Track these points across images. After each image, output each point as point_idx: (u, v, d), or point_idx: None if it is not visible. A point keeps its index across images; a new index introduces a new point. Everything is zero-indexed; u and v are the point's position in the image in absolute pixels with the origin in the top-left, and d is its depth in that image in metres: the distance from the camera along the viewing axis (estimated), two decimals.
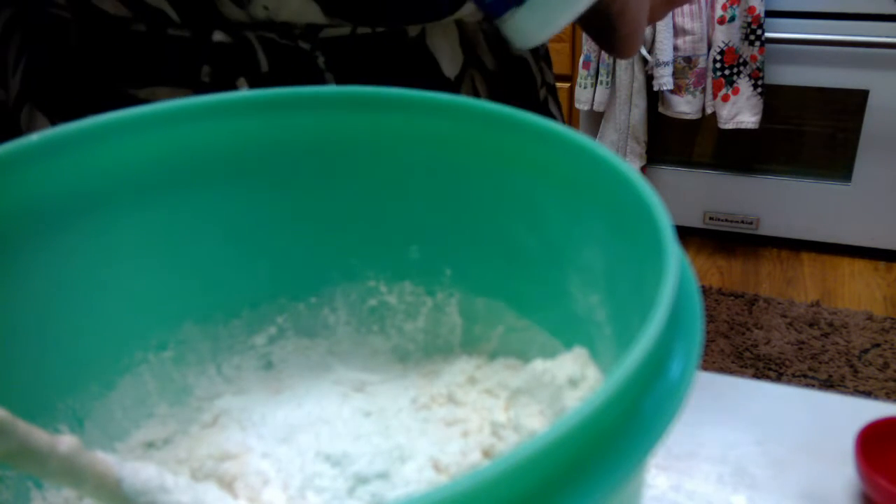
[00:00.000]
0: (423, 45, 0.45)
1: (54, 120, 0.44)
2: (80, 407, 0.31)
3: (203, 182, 0.32)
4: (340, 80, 0.43)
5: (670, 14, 1.80)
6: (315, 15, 0.41)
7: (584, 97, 1.97)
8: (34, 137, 0.28)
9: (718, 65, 1.82)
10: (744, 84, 1.82)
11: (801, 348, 1.64)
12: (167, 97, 0.36)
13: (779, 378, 1.56)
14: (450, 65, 0.46)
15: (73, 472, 0.22)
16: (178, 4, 0.40)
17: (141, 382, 0.33)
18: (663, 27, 1.80)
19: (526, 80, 0.52)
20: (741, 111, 1.84)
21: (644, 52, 1.84)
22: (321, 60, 0.42)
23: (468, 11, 0.44)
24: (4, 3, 0.46)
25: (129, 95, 0.42)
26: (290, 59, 0.42)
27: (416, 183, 0.33)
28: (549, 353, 0.31)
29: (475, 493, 0.14)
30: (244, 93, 0.32)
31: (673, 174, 2.05)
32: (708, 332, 1.70)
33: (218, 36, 0.41)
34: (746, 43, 1.79)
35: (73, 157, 0.29)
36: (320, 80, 0.43)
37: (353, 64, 0.43)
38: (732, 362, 1.61)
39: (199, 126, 0.31)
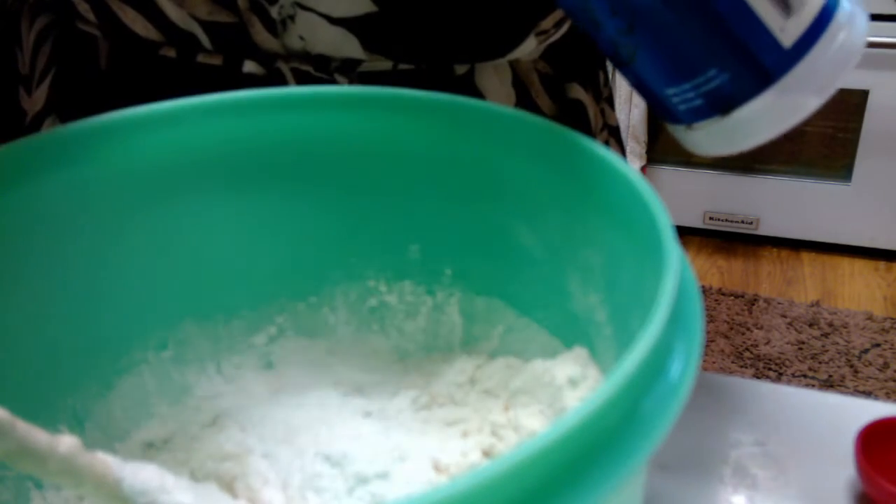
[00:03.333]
0: (472, 83, 0.42)
1: None
2: (80, 407, 0.31)
3: (203, 182, 0.32)
4: None
5: None
6: (354, 50, 0.39)
7: None
8: (36, 136, 0.28)
9: None
10: None
11: (801, 348, 1.64)
12: None
13: (779, 378, 1.56)
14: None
15: (73, 472, 0.22)
16: (210, 29, 0.38)
17: (141, 382, 0.33)
18: None
19: (583, 124, 0.49)
20: None
21: None
22: None
23: (527, 51, 0.42)
24: (40, 10, 0.45)
25: None
26: None
27: (416, 183, 0.33)
28: (549, 353, 0.31)
29: (475, 493, 0.14)
30: (244, 93, 0.32)
31: (673, 174, 2.05)
32: (708, 332, 1.70)
33: (249, 66, 0.39)
34: None
35: (73, 157, 0.29)
36: None
37: None
38: (732, 362, 1.61)
39: (197, 126, 0.31)
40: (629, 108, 1.94)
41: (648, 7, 0.27)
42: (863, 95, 1.81)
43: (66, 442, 0.22)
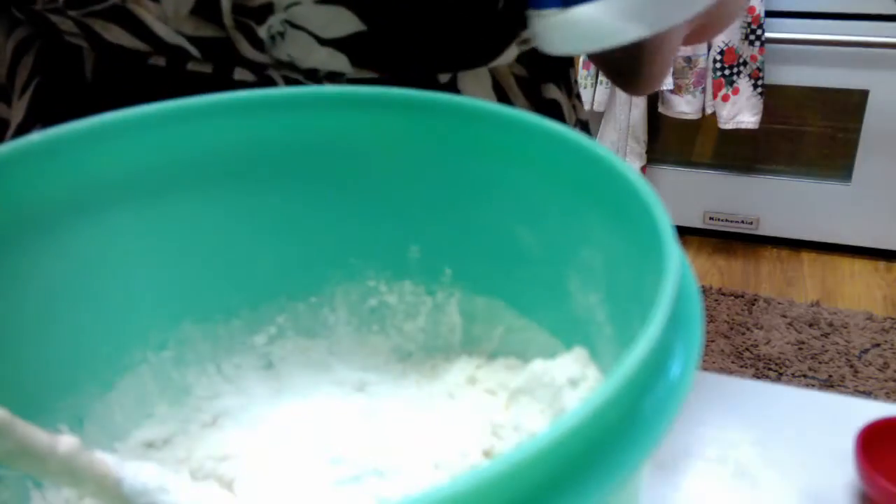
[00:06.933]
0: (455, 90, 0.44)
1: None
2: (80, 407, 0.31)
3: (202, 182, 0.32)
4: None
5: None
6: (342, 65, 0.40)
7: (585, 97, 1.97)
8: (34, 137, 0.28)
9: (718, 65, 1.82)
10: (744, 84, 1.82)
11: (801, 348, 1.64)
12: None
13: (779, 378, 1.56)
14: None
15: (72, 473, 0.22)
16: (197, 42, 0.39)
17: (141, 382, 0.33)
18: None
19: (559, 122, 0.50)
20: (741, 111, 1.84)
21: None
22: None
23: (509, 58, 0.43)
24: (17, 23, 0.44)
25: None
26: None
27: (416, 183, 0.33)
28: (549, 353, 0.31)
29: (475, 492, 0.14)
30: (243, 93, 0.32)
31: (673, 174, 2.05)
32: (708, 332, 1.70)
33: (240, 73, 0.40)
34: (746, 43, 1.79)
35: (72, 157, 0.29)
36: None
37: None
38: (732, 362, 1.61)
39: (197, 126, 0.31)
40: (629, 108, 1.94)
41: None
42: (863, 95, 1.81)
43: (66, 442, 0.22)
